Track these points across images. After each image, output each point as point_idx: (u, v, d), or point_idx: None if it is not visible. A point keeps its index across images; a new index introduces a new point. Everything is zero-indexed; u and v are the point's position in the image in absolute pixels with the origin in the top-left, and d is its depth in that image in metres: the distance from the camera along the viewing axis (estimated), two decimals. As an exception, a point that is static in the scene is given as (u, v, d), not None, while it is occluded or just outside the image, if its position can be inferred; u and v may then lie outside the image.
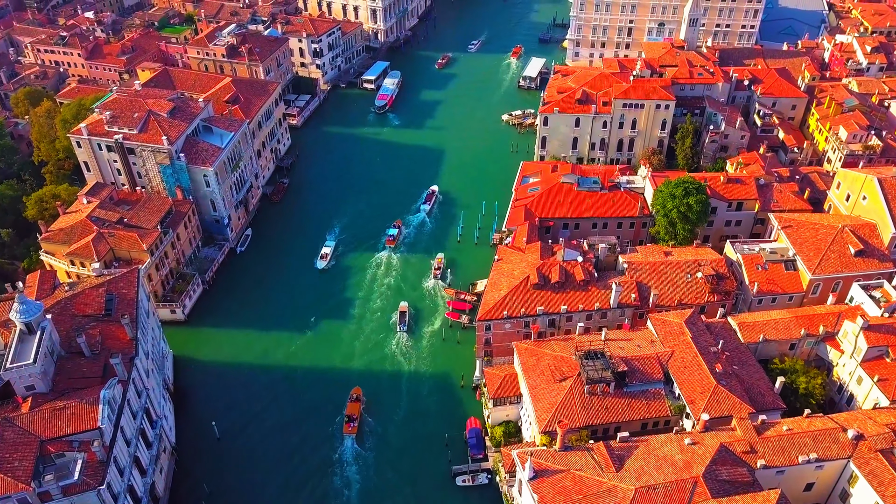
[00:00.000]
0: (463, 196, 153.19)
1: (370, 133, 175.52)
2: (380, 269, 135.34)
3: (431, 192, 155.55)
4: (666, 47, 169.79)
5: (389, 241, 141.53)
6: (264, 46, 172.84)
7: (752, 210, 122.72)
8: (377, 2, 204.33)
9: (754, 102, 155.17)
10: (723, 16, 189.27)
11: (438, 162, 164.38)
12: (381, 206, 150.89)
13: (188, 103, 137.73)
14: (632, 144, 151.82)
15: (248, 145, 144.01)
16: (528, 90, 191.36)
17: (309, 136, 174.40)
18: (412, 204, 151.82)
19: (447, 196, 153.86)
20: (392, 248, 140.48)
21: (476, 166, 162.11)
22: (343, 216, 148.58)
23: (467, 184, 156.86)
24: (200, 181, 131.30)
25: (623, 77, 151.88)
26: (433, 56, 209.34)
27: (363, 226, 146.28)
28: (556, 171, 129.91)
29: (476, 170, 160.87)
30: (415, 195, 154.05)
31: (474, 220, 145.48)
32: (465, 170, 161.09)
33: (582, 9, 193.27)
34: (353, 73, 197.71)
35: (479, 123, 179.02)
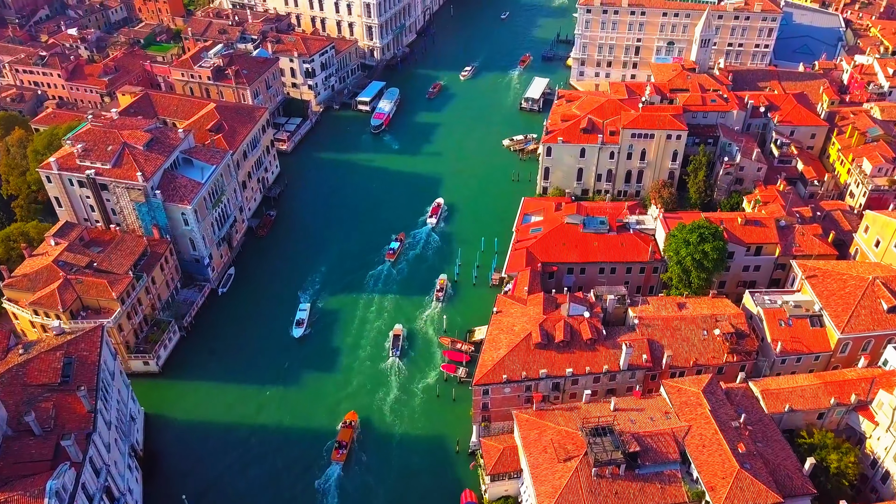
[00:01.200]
0: (461, 230, 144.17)
1: (364, 159, 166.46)
2: (372, 307, 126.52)
3: (437, 205, 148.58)
4: (676, 69, 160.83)
5: (389, 254, 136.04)
6: (252, 68, 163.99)
7: (773, 255, 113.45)
8: (373, 18, 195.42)
9: (771, 131, 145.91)
10: (735, 35, 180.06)
11: (435, 191, 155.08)
12: (372, 238, 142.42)
13: (167, 134, 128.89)
14: (641, 176, 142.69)
15: (231, 177, 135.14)
16: (530, 112, 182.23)
17: (299, 163, 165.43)
18: (404, 233, 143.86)
19: (443, 232, 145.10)
20: (391, 263, 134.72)
21: (475, 197, 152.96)
22: (332, 250, 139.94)
23: (466, 216, 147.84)
24: (178, 219, 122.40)
25: (631, 104, 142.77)
26: (431, 74, 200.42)
27: (353, 258, 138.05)
28: (560, 209, 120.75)
29: (475, 201, 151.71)
30: (409, 224, 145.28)
31: (472, 255, 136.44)
32: (464, 201, 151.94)
33: (587, 27, 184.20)
34: (347, 94, 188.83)
35: (478, 148, 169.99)
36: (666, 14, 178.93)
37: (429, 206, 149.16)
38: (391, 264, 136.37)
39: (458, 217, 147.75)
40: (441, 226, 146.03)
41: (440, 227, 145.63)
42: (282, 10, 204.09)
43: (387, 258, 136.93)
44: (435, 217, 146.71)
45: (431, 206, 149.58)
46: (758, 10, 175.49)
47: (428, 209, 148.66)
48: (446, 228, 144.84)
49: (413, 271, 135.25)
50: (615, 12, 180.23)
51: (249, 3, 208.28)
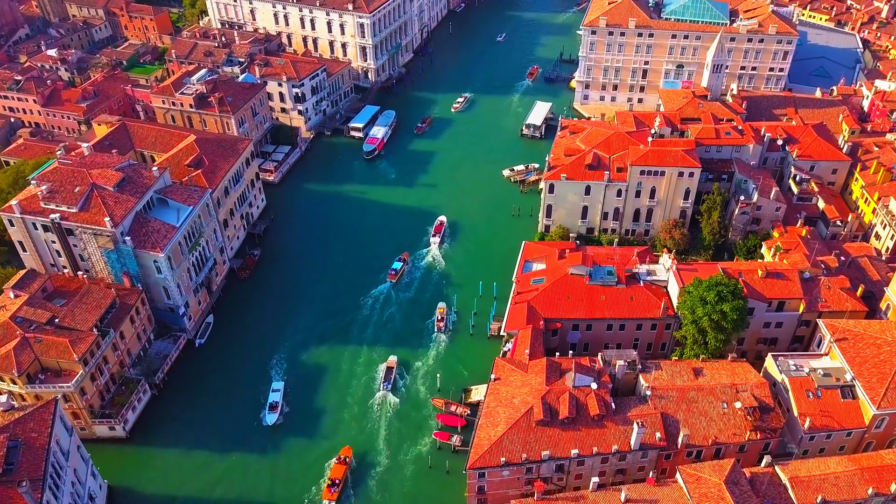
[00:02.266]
0: (457, 272, 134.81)
1: (356, 190, 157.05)
2: (361, 351, 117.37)
3: (440, 224, 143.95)
4: (687, 97, 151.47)
5: (391, 275, 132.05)
6: (237, 95, 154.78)
7: (796, 311, 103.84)
8: (367, 39, 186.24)
9: (789, 165, 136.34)
10: (749, 58, 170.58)
11: (430, 226, 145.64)
12: (362, 276, 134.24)
13: (140, 172, 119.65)
14: (650, 215, 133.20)
15: (211, 217, 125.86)
16: (531, 139, 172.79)
17: (287, 195, 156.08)
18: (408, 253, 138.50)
19: (446, 254, 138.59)
20: (392, 284, 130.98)
21: (473, 234, 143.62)
22: (319, 290, 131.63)
23: (462, 256, 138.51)
24: (151, 266, 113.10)
25: (640, 137, 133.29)
26: (428, 97, 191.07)
27: (341, 297, 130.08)
28: (565, 258, 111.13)
29: (473, 239, 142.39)
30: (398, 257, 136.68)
31: (469, 301, 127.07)
32: (461, 239, 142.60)
33: (592, 48, 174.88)
34: (339, 118, 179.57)
35: (476, 178, 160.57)
36: (675, 36, 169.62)
37: (430, 227, 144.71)
38: (392, 285, 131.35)
39: (455, 257, 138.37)
40: (444, 245, 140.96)
41: (444, 246, 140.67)
42: (272, 29, 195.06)
43: (389, 279, 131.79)
44: (438, 236, 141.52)
45: (434, 224, 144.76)
46: (772, 32, 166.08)
47: (430, 229, 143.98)
48: (442, 269, 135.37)
49: (414, 295, 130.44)
50: (621, 34, 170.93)
51: (239, 22, 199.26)
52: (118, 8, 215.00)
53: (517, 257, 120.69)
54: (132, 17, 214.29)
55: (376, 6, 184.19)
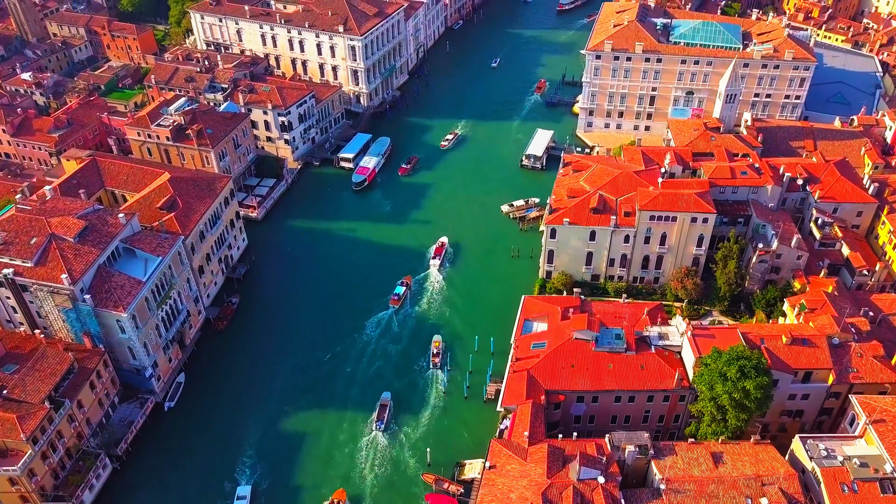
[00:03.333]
0: (451, 324, 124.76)
1: (343, 227, 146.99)
2: (346, 409, 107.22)
3: (441, 245, 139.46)
4: (698, 128, 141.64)
5: (394, 300, 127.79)
6: (218, 126, 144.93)
7: (825, 383, 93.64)
8: (358, 62, 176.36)
9: (810, 207, 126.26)
10: (763, 84, 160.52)
11: (425, 259, 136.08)
12: (349, 319, 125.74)
13: (105, 219, 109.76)
14: (660, 262, 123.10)
15: (183, 267, 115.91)
16: (532, 170, 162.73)
17: (270, 233, 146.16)
18: (374, 319, 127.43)
19: (448, 276, 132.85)
20: (395, 310, 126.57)
21: (468, 282, 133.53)
22: (302, 339, 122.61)
23: (457, 306, 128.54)
24: (114, 326, 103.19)
25: (649, 176, 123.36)
26: (424, 123, 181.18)
27: (327, 344, 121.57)
28: (568, 318, 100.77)
29: (467, 288, 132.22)
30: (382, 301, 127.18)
31: (465, 358, 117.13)
32: (455, 287, 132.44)
33: (596, 74, 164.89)
34: (329, 147, 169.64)
35: (473, 213, 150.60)
36: (685, 62, 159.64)
37: (430, 249, 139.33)
38: (394, 311, 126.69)
39: (449, 306, 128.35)
40: (445, 266, 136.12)
41: (444, 268, 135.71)
42: (260, 50, 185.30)
43: (391, 304, 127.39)
44: (439, 258, 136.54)
45: (434, 245, 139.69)
46: (789, 58, 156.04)
47: (431, 250, 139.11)
48: (436, 322, 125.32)
49: (413, 325, 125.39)
50: (628, 59, 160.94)
51: (225, 43, 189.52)
52: (100, 27, 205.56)
53: (516, 310, 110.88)
54: (114, 36, 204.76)
55: (368, 28, 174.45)
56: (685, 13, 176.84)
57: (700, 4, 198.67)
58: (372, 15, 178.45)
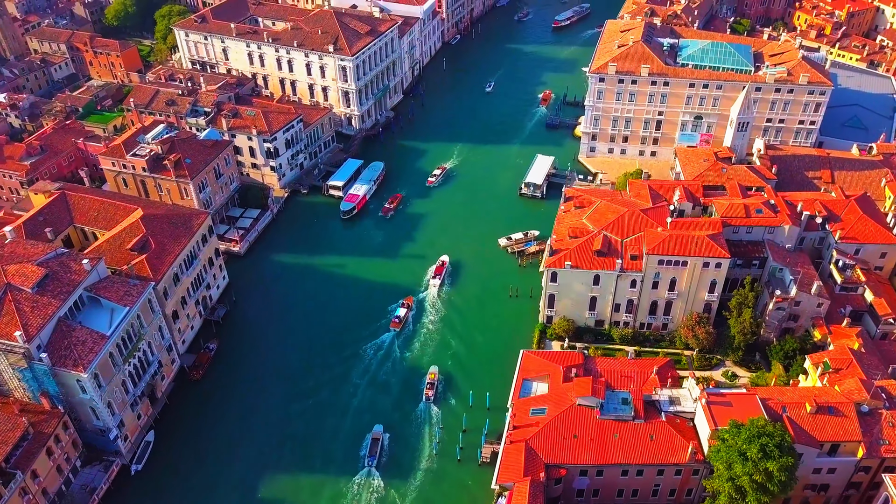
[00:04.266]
0: (446, 360, 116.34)
1: (331, 262, 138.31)
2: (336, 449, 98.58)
3: (441, 264, 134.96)
4: (708, 158, 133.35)
5: (395, 323, 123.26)
6: (198, 155, 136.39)
7: (854, 456, 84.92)
8: (349, 84, 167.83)
9: (830, 247, 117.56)
10: (776, 109, 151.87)
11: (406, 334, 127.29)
12: (334, 363, 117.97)
13: (68, 265, 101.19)
14: (669, 307, 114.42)
15: (155, 315, 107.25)
16: (531, 198, 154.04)
17: (253, 269, 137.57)
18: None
19: (447, 298, 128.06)
20: (396, 333, 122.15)
21: (462, 327, 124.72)
22: (282, 390, 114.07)
23: (449, 354, 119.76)
24: (74, 386, 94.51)
25: (657, 215, 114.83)
26: (418, 147, 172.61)
27: (310, 394, 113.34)
28: (571, 381, 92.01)
29: (461, 334, 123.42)
30: (372, 365, 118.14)
31: (457, 416, 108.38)
32: (448, 332, 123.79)
33: (599, 97, 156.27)
34: (318, 173, 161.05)
35: (469, 246, 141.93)
36: (693, 85, 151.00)
37: (433, 264, 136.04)
38: (395, 334, 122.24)
39: (441, 356, 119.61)
40: (446, 287, 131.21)
41: (444, 289, 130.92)
42: (247, 70, 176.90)
43: (392, 327, 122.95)
44: (439, 277, 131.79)
45: (435, 265, 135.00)
46: (804, 82, 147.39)
47: (431, 269, 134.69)
48: (425, 372, 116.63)
49: (410, 353, 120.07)
50: (633, 82, 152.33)
51: (211, 62, 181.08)
52: (82, 43, 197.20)
53: (513, 358, 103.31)
54: (97, 52, 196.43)
55: (360, 48, 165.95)
56: (693, 32, 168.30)
57: (708, 21, 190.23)
58: (364, 33, 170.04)
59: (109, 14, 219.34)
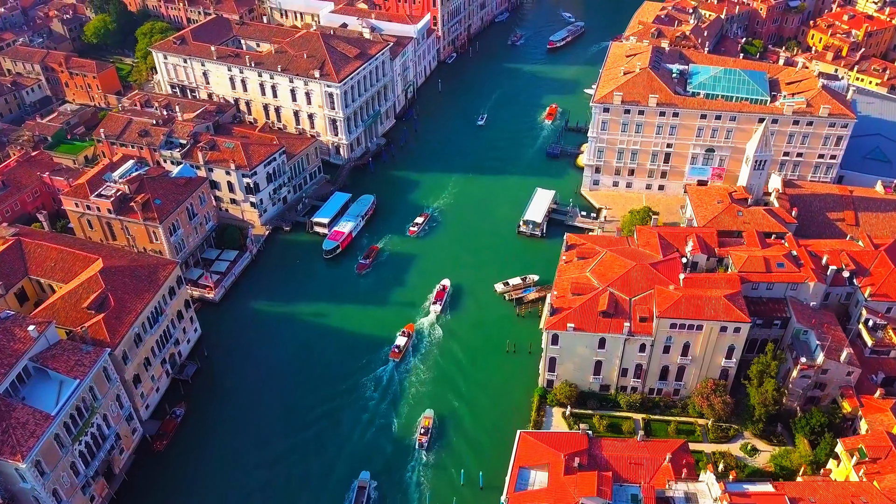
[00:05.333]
0: (433, 445, 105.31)
1: (310, 311, 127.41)
2: None
3: (443, 288, 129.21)
4: (723, 199, 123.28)
5: (394, 353, 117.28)
6: (169, 195, 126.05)
7: (899, 568, 74.19)
8: (336, 111, 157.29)
9: (859, 305, 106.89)
10: (794, 142, 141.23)
11: (402, 371, 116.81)
12: (321, 430, 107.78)
13: (12, 333, 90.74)
14: (682, 373, 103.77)
15: (111, 384, 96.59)
16: (530, 237, 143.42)
17: (229, 318, 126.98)
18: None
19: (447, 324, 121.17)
20: (396, 363, 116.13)
21: (456, 384, 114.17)
22: (259, 457, 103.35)
23: (443, 405, 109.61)
24: (13, 475, 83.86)
25: (668, 269, 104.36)
26: (411, 178, 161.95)
27: (291, 463, 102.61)
28: (573, 473, 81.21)
29: (455, 391, 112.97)
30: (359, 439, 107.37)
31: (449, 491, 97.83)
32: (439, 394, 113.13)
33: (604, 128, 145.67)
34: (302, 208, 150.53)
35: (463, 291, 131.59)
36: (705, 116, 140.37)
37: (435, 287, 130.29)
38: (395, 365, 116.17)
39: (437, 403, 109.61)
40: (439, 334, 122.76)
41: (445, 315, 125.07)
42: (229, 94, 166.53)
43: (391, 357, 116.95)
44: (440, 303, 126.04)
45: (435, 290, 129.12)
46: (824, 114, 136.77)
47: (431, 296, 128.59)
48: (415, 439, 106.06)
49: (404, 397, 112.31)
50: (640, 112, 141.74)
51: (190, 86, 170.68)
52: (57, 63, 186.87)
53: (508, 431, 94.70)
54: (73, 73, 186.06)
55: (348, 73, 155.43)
56: (703, 56, 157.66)
57: (718, 42, 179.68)
58: (353, 57, 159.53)
59: (89, 31, 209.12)
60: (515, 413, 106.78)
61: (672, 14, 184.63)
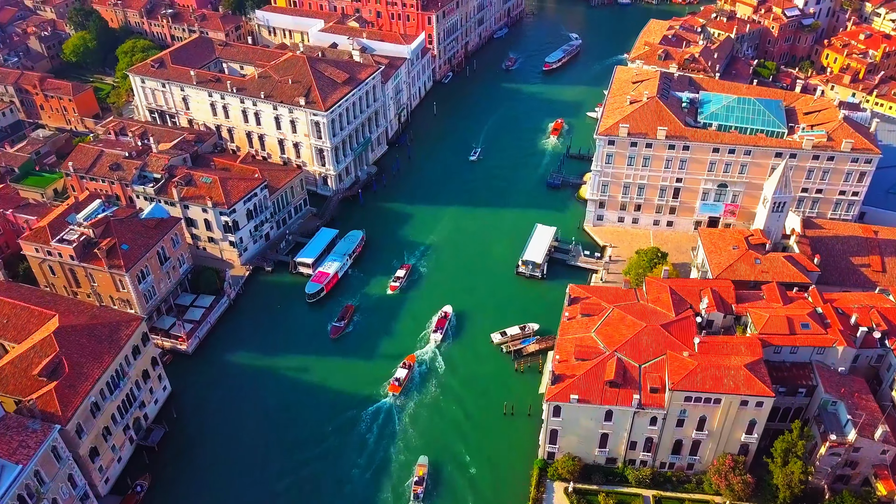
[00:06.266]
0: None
1: (294, 365, 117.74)
2: None
3: (444, 315, 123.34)
4: (738, 244, 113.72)
5: (394, 386, 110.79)
6: (138, 239, 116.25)
7: None
8: (324, 141, 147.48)
9: (892, 370, 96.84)
10: (813, 178, 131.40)
11: (388, 437, 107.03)
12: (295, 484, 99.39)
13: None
14: (697, 447, 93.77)
15: (62, 463, 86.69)
16: (530, 279, 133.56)
17: (202, 372, 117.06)
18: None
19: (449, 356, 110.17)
20: (395, 397, 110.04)
21: (448, 448, 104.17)
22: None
23: (436, 469, 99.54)
24: (-58, 580, 74.03)
25: (681, 331, 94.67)
26: (404, 211, 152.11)
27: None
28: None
29: (447, 458, 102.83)
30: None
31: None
32: (434, 441, 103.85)
33: (609, 161, 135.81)
34: (286, 245, 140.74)
35: (458, 342, 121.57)
36: (718, 150, 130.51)
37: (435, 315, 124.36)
38: (394, 398, 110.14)
39: (432, 449, 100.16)
40: (448, 342, 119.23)
41: (446, 344, 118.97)
42: (210, 121, 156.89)
43: (390, 391, 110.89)
44: (440, 332, 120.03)
45: (437, 317, 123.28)
46: (847, 149, 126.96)
47: (431, 323, 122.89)
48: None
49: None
50: (648, 145, 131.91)
51: (169, 111, 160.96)
52: (31, 85, 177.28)
53: None
54: (48, 96, 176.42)
55: (335, 100, 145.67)
56: (715, 83, 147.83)
57: (729, 64, 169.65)
58: (341, 82, 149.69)
59: (67, 49, 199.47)
60: (512, 487, 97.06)
61: (680, 34, 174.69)
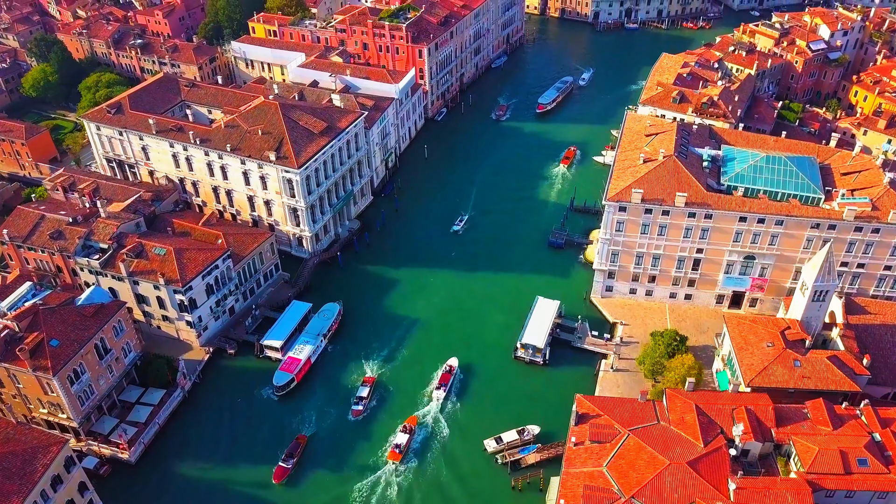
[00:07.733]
0: None
1: (254, 479, 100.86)
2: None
3: (449, 369, 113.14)
4: (774, 340, 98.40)
5: (394, 454, 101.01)
6: (70, 332, 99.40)
7: None
8: (297, 199, 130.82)
9: (967, 514, 79.86)
10: (854, 252, 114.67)
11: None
12: None
13: None
14: None
15: None
16: (529, 365, 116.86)
17: (146, 489, 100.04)
18: None
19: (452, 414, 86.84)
20: (395, 465, 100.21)
21: None
22: None
23: None
24: None
25: (711, 470, 78.90)
26: (388, 276, 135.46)
27: None
28: None
29: None
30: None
31: None
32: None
33: (619, 229, 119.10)
34: (252, 322, 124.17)
35: (444, 450, 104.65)
36: (745, 219, 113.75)
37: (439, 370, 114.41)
38: (395, 466, 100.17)
39: None
40: (451, 403, 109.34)
41: (449, 405, 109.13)
42: (173, 173, 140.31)
43: (389, 458, 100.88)
44: (443, 389, 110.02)
45: (440, 372, 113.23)
46: (894, 220, 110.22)
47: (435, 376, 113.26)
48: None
49: None
50: (665, 213, 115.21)
51: (129, 161, 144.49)
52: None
53: None
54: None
55: (310, 154, 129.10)
56: (738, 135, 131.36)
57: (750, 106, 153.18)
58: (318, 133, 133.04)
59: (27, 83, 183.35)
60: None
61: (695, 72, 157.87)
